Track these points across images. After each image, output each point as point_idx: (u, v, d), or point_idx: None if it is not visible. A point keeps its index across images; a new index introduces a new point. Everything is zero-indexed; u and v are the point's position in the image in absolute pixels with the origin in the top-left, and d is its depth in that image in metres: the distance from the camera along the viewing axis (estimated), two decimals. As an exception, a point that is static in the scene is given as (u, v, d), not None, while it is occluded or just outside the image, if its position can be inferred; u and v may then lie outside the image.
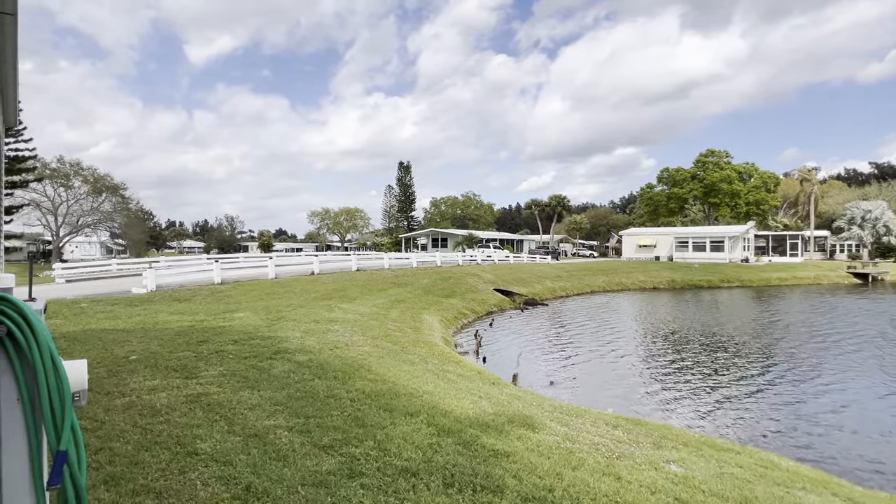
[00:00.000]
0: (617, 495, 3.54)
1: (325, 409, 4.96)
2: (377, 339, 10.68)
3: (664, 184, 68.99)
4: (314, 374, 6.36)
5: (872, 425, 8.59)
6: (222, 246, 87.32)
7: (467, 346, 14.75)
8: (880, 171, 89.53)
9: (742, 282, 38.72)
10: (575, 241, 73.13)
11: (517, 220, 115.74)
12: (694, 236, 51.34)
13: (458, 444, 4.27)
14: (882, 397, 10.16)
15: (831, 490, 4.63)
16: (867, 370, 12.37)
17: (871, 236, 50.45)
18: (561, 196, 65.85)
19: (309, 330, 10.17)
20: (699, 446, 5.51)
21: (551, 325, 19.59)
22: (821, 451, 7.48)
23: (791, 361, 13.37)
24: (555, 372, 12.10)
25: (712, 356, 13.96)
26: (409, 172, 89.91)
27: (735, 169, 62.23)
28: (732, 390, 10.60)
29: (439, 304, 19.50)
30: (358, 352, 8.55)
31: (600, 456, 4.48)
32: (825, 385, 11.03)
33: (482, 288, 25.15)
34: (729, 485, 4.09)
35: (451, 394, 6.35)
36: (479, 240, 55.47)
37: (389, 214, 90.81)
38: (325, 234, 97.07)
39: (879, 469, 6.87)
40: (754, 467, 4.96)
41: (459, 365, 10.02)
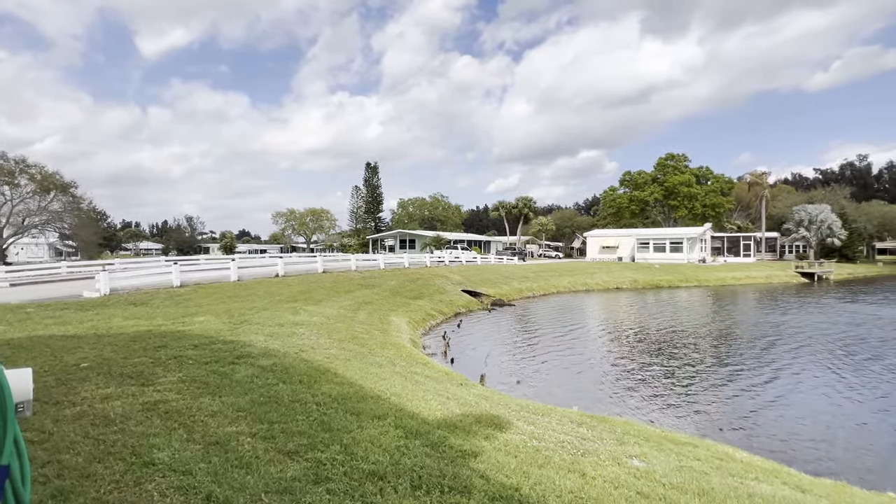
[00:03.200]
0: (582, 491, 3.61)
1: (289, 413, 4.85)
2: (344, 341, 10.55)
3: (626, 186, 71.07)
4: (279, 379, 6.22)
5: (819, 417, 9.07)
6: (182, 248, 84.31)
7: (435, 347, 14.75)
8: (824, 176, 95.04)
9: (700, 282, 40.24)
10: (541, 243, 74.28)
11: (485, 222, 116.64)
12: (654, 238, 53.04)
13: (426, 445, 4.26)
14: (829, 391, 10.74)
15: (781, 479, 4.86)
16: (816, 365, 13.07)
17: (817, 238, 53.38)
18: (527, 198, 66.78)
19: (273, 333, 9.94)
20: (660, 441, 5.69)
21: (518, 326, 19.83)
22: (772, 442, 7.85)
23: (745, 358, 13.98)
24: (522, 371, 12.25)
25: (672, 354, 14.44)
26: (376, 173, 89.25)
27: (693, 173, 64.72)
28: (691, 386, 11.00)
29: (407, 305, 19.43)
30: (324, 355, 8.41)
31: (566, 453, 4.56)
32: (777, 380, 11.58)
33: (450, 289, 25.21)
34: (688, 477, 4.24)
35: (419, 395, 6.34)
36: (447, 241, 55.63)
37: (356, 215, 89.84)
38: (290, 236, 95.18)
39: (825, 457, 7.27)
40: (711, 460, 5.16)
41: (427, 366, 10.01)
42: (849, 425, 8.64)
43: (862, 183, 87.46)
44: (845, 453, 7.49)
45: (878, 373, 12.06)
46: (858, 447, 7.74)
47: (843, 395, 10.30)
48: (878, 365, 12.85)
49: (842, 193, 71.10)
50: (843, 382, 11.26)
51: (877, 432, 8.35)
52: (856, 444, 7.84)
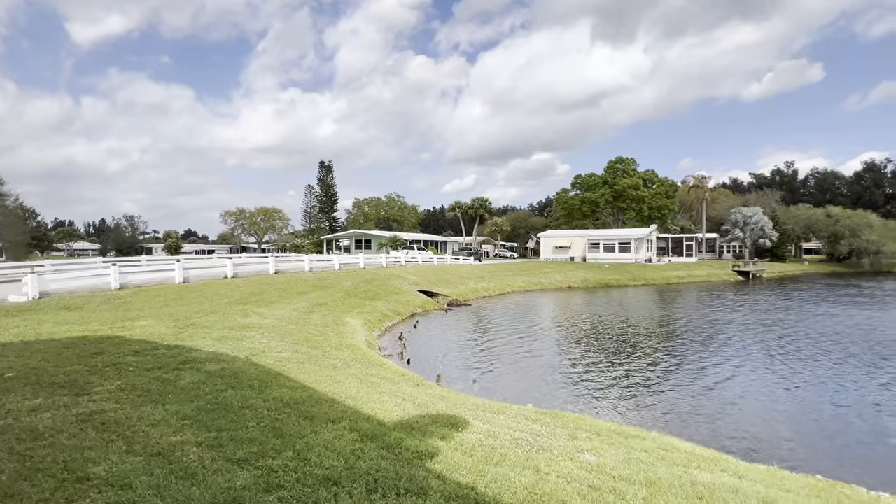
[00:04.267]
0: (536, 487, 3.68)
1: (239, 420, 4.68)
2: (297, 344, 10.28)
3: (578, 188, 73.24)
4: (227, 384, 5.98)
5: (754, 406, 9.67)
6: (121, 248, 79.53)
7: (391, 348, 14.64)
8: (758, 180, 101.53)
9: (647, 280, 42.02)
10: (496, 243, 75.29)
11: (441, 222, 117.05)
12: (604, 238, 54.92)
13: (382, 448, 4.22)
14: (763, 381, 11.47)
15: (721, 466, 5.14)
16: (751, 357, 13.92)
17: (751, 238, 56.97)
18: (483, 199, 67.53)
19: (222, 337, 9.56)
20: (610, 434, 5.88)
21: (474, 325, 20.00)
22: (712, 431, 8.30)
23: (688, 351, 14.71)
24: (478, 370, 12.36)
25: (622, 350, 15.00)
26: (330, 172, 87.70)
27: (640, 176, 67.51)
28: (639, 380, 11.46)
29: (363, 306, 19.19)
30: (276, 358, 8.17)
31: (520, 450, 4.63)
32: (717, 372, 12.25)
33: (407, 290, 25.10)
34: (636, 469, 4.41)
35: (375, 397, 6.27)
36: (404, 241, 55.39)
37: (310, 215, 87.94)
38: (240, 236, 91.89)
39: (760, 444, 7.76)
40: (657, 451, 5.38)
41: (383, 368, 9.92)
42: (781, 413, 9.26)
43: (790, 187, 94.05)
44: (778, 440, 8.02)
45: (807, 362, 12.99)
46: (790, 434, 8.31)
47: (776, 385, 11.03)
48: (808, 355, 13.84)
49: (773, 197, 76.25)
50: (776, 373, 12.06)
51: (806, 419, 8.99)
52: (787, 431, 8.41)
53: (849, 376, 11.72)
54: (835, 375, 11.80)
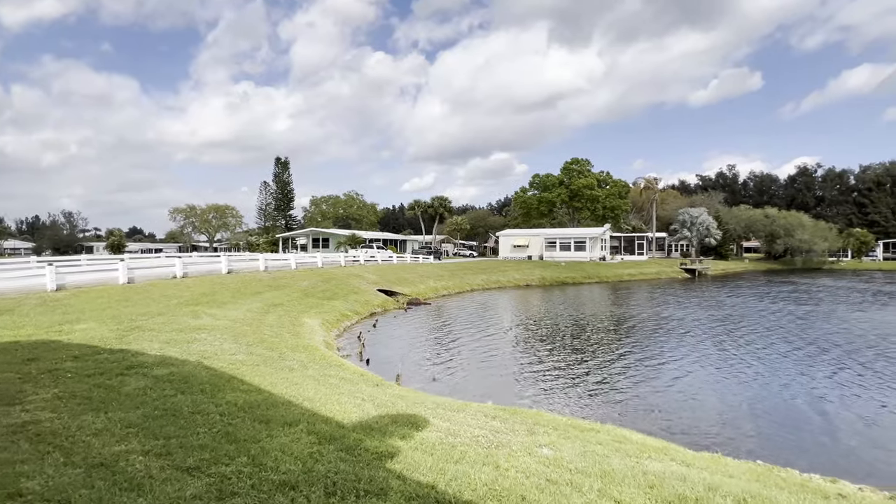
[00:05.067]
0: (496, 483, 3.72)
1: (189, 426, 4.48)
2: (252, 345, 9.97)
3: (535, 188, 74.63)
4: (177, 389, 5.72)
5: (700, 397, 10.16)
6: (59, 247, 74.58)
7: (350, 348, 14.45)
8: (704, 182, 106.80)
9: (601, 278, 43.37)
10: (456, 242, 75.66)
11: (401, 221, 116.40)
12: (561, 237, 56.25)
13: (341, 450, 4.15)
14: (708, 373, 12.07)
15: (670, 456, 5.37)
16: (698, 350, 14.62)
17: (697, 238, 59.86)
18: (443, 197, 67.69)
19: (170, 340, 9.14)
20: (566, 429, 6.03)
21: (434, 324, 20.03)
22: (663, 422, 8.66)
23: (639, 346, 15.29)
24: (438, 369, 12.39)
25: (578, 346, 15.41)
26: (286, 169, 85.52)
27: (595, 177, 69.53)
28: (595, 375, 11.81)
29: (320, 306, 18.83)
30: (229, 361, 7.89)
31: (480, 447, 4.67)
32: (666, 364, 12.80)
33: (366, 289, 24.83)
34: (591, 461, 4.54)
35: (334, 399, 6.16)
36: (363, 240, 54.75)
37: (265, 213, 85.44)
38: (190, 234, 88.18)
39: (706, 434, 8.17)
40: (612, 443, 5.57)
41: (342, 368, 9.77)
42: (726, 404, 9.77)
43: (731, 189, 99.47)
44: (723, 429, 8.46)
45: (751, 356, 13.77)
46: (734, 423, 8.78)
47: (722, 378, 11.64)
48: (752, 349, 14.68)
49: (717, 198, 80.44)
50: (722, 366, 12.73)
51: (749, 409, 9.53)
52: (731, 421, 8.88)
53: (789, 369, 12.53)
54: (776, 368, 12.58)
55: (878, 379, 11.26)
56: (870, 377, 11.41)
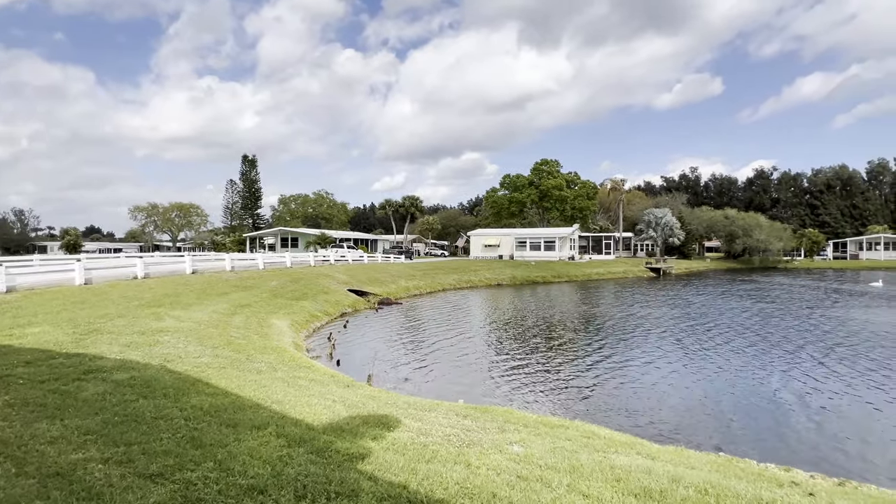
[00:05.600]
0: (467, 481, 3.75)
1: (152, 432, 4.34)
2: (218, 348, 9.72)
3: (506, 188, 75.35)
4: (138, 394, 5.53)
5: (664, 392, 10.48)
6: (8, 246, 70.82)
7: (320, 349, 14.26)
8: (668, 184, 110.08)
9: (570, 277, 44.14)
10: (427, 241, 75.63)
11: (371, 220, 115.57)
12: (531, 237, 56.96)
13: (311, 452, 4.10)
14: (675, 370, 12.46)
15: (636, 450, 5.52)
16: (666, 348, 15.06)
17: (661, 237, 61.65)
18: (414, 197, 67.58)
19: (131, 343, 8.81)
20: (536, 426, 6.13)
21: (405, 323, 19.97)
22: (630, 417, 8.90)
23: (607, 343, 15.64)
24: (409, 369, 12.37)
25: (548, 344, 15.65)
26: (254, 167, 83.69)
27: (564, 178, 70.72)
28: (565, 372, 12.02)
29: (289, 307, 18.51)
30: (194, 364, 7.67)
31: (452, 446, 4.69)
32: (634, 363, 13.14)
33: (336, 289, 24.55)
34: (560, 457, 4.62)
35: (303, 401, 6.08)
36: (333, 239, 54.05)
37: (232, 212, 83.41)
38: (152, 233, 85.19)
39: (670, 428, 8.43)
40: (580, 439, 5.69)
41: (312, 370, 9.64)
42: (689, 398, 10.11)
43: (694, 191, 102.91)
44: (686, 422, 8.75)
45: (712, 352, 14.28)
46: (696, 417, 9.09)
47: (686, 373, 12.03)
48: (713, 345, 15.22)
49: (680, 200, 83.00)
50: (686, 362, 13.15)
51: (710, 403, 9.88)
52: (694, 415, 9.20)
53: (749, 364, 13.05)
54: (737, 364, 13.09)
55: (833, 373, 11.87)
56: (824, 371, 12.01)
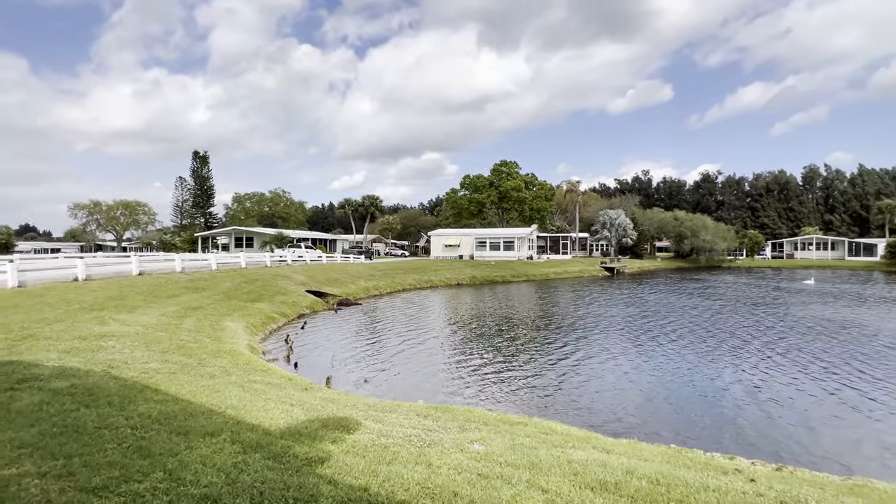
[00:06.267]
0: (428, 481, 3.75)
1: (95, 443, 4.10)
2: (167, 352, 9.30)
3: (466, 189, 75.86)
4: (80, 403, 5.22)
5: (618, 388, 10.84)
6: (-72, 246, 65.01)
7: (277, 352, 13.90)
8: (622, 186, 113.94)
9: (528, 276, 44.93)
10: (387, 241, 75.07)
11: (330, 220, 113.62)
12: (491, 237, 57.59)
13: (268, 458, 4.00)
14: (630, 366, 12.90)
15: (592, 444, 5.69)
16: (620, 345, 15.57)
17: (615, 238, 63.75)
18: (374, 196, 66.89)
19: (71, 349, 8.30)
20: (497, 424, 6.20)
21: (365, 324, 19.76)
22: (586, 413, 9.15)
23: (567, 343, 16.02)
24: (370, 370, 12.24)
25: (507, 343, 15.86)
26: (206, 163, 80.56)
27: (523, 179, 71.92)
28: (524, 370, 12.22)
29: (244, 309, 17.94)
30: (141, 370, 7.31)
31: (413, 447, 4.68)
32: (591, 360, 13.52)
33: (293, 290, 23.98)
34: (520, 454, 4.70)
35: (259, 405, 5.91)
36: (290, 239, 52.76)
37: (182, 210, 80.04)
38: (94, 232, 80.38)
39: (625, 422, 8.73)
40: (539, 435, 5.80)
41: (268, 373, 9.38)
42: (642, 393, 10.50)
43: (646, 193, 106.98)
44: (639, 415, 9.09)
45: (664, 348, 14.88)
46: (649, 411, 9.45)
47: (639, 369, 12.48)
48: (665, 342, 15.86)
49: (633, 201, 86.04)
50: (639, 358, 13.65)
51: (662, 397, 10.30)
52: (647, 409, 9.56)
53: (699, 359, 13.68)
54: (687, 358, 13.70)
55: (775, 365, 12.63)
56: (767, 365, 12.76)
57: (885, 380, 11.01)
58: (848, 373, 11.63)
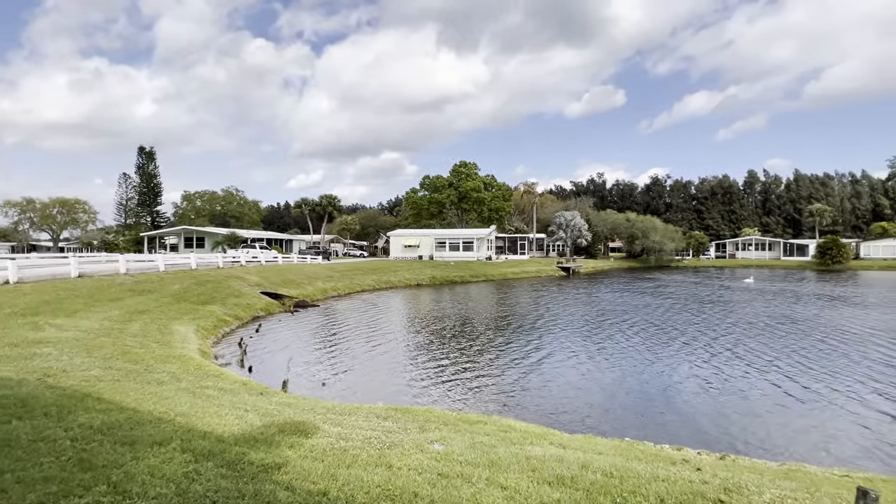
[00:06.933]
0: (389, 483, 3.73)
1: (30, 457, 3.84)
2: (111, 359, 8.81)
3: (426, 189, 75.86)
4: (11, 415, 4.86)
5: (574, 385, 11.14)
6: None
7: (230, 356, 13.44)
8: (577, 188, 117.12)
9: (487, 276, 45.42)
10: (346, 242, 74.01)
11: (286, 219, 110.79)
12: (450, 238, 57.83)
13: (221, 466, 3.86)
14: (585, 364, 13.27)
15: (549, 440, 5.83)
16: (576, 343, 15.99)
17: (571, 239, 65.47)
18: (332, 196, 65.76)
19: (1, 356, 7.73)
20: (457, 423, 6.24)
21: (323, 326, 19.41)
22: (544, 410, 9.35)
23: (525, 342, 16.30)
24: (328, 373, 12.04)
25: (466, 342, 15.97)
26: (152, 159, 76.73)
27: (482, 180, 72.63)
28: (483, 369, 12.34)
29: (195, 311, 17.23)
30: (81, 378, 6.89)
31: (372, 449, 4.65)
32: (548, 359, 13.82)
33: (247, 292, 23.24)
34: (479, 452, 4.75)
35: (212, 411, 5.69)
36: (244, 239, 51.07)
37: (126, 209, 75.89)
38: (27, 231, 74.90)
39: (581, 417, 8.98)
40: (497, 433, 5.88)
41: (221, 378, 9.06)
42: (596, 388, 10.83)
43: (600, 195, 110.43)
44: (593, 411, 9.37)
45: (619, 346, 15.41)
46: (602, 405, 9.76)
47: (595, 366, 12.87)
48: (619, 339, 16.42)
49: (588, 203, 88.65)
50: (595, 356, 14.07)
51: (616, 393, 10.66)
52: (602, 404, 9.87)
53: (651, 355, 14.24)
54: (640, 355, 14.24)
55: (721, 360, 13.32)
56: (715, 359, 13.44)
57: (822, 371, 11.86)
58: (789, 365, 12.45)
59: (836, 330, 17.56)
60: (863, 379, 11.12)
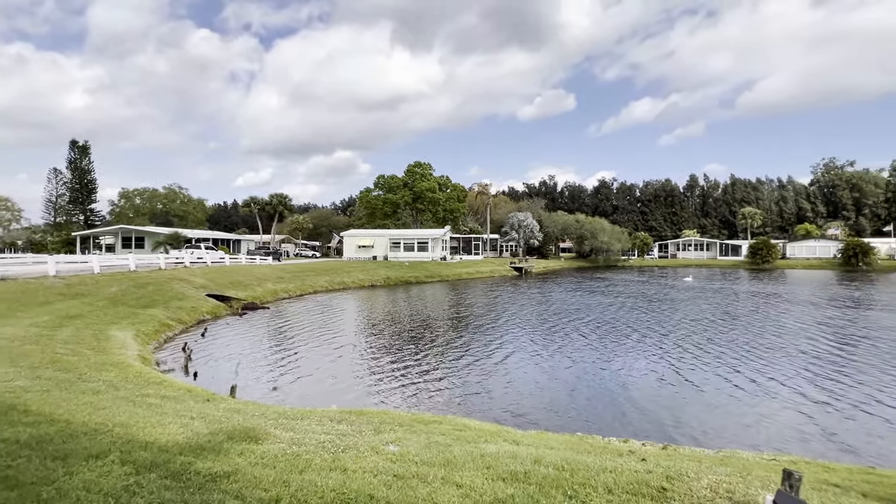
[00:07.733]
0: (344, 487, 3.69)
1: (-54, 477, 3.52)
2: (39, 367, 8.20)
3: (380, 189, 75.27)
4: (-78, 432, 4.44)
5: (530, 384, 11.39)
6: None
7: (174, 362, 12.82)
8: (529, 189, 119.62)
9: (442, 276, 45.59)
10: (297, 242, 72.19)
11: (234, 219, 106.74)
12: (405, 238, 57.61)
13: (165, 477, 3.69)
14: (537, 363, 13.57)
15: (503, 437, 5.93)
16: (528, 343, 16.32)
17: (523, 239, 66.82)
18: (282, 195, 63.97)
19: None
20: (412, 423, 6.24)
21: (274, 329, 18.85)
22: (498, 407, 9.50)
23: (478, 342, 16.49)
24: (278, 377, 11.71)
25: (421, 343, 15.98)
26: (86, 154, 71.89)
27: (436, 180, 72.84)
28: (438, 370, 12.38)
29: (134, 316, 16.31)
30: (5, 389, 6.38)
31: (326, 453, 4.57)
32: (500, 358, 14.04)
33: (192, 294, 22.22)
34: (435, 452, 4.78)
35: (154, 420, 5.42)
36: (188, 239, 48.76)
37: (56, 206, 70.73)
38: (-62, 230, 68.45)
39: (533, 414, 9.19)
40: (453, 432, 5.93)
41: (163, 385, 8.62)
42: (549, 387, 11.11)
43: (551, 197, 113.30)
44: (545, 407, 9.61)
45: (570, 345, 15.85)
46: (554, 402, 10.03)
47: (547, 365, 13.19)
48: (571, 339, 16.90)
49: (539, 204, 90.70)
50: (546, 355, 14.43)
51: (564, 388, 10.97)
52: (554, 401, 10.13)
53: (600, 351, 14.74)
54: (590, 352, 14.72)
55: (666, 355, 13.98)
56: (660, 355, 14.09)
57: (761, 362, 12.69)
58: (734, 359, 13.25)
59: (773, 324, 18.88)
60: (797, 369, 12.01)
